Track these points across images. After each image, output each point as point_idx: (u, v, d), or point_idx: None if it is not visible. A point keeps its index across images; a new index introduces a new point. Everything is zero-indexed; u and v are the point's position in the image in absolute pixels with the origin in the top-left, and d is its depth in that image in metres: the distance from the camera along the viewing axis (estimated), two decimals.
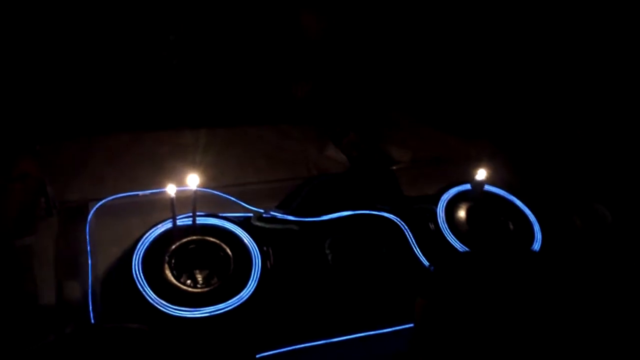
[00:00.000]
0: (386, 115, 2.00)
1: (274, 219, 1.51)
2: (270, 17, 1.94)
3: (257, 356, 1.26)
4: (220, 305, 1.29)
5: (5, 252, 1.27)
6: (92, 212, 1.44)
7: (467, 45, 2.02)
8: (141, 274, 1.30)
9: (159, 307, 1.26)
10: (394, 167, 1.78)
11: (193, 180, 1.36)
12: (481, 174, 1.55)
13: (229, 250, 1.38)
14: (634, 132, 1.95)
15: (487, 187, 1.61)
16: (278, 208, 1.55)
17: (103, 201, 1.46)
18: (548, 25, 1.95)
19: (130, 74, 1.81)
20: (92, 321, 1.26)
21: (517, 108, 2.05)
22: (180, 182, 1.35)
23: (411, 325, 1.19)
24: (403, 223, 1.57)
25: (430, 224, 1.56)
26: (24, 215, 1.33)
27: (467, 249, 1.50)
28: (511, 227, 1.58)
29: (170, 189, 1.31)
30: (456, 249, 1.50)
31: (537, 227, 1.58)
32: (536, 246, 1.54)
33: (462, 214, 1.58)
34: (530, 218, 1.60)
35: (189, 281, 1.35)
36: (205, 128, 1.77)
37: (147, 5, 1.78)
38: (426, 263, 1.49)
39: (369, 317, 1.37)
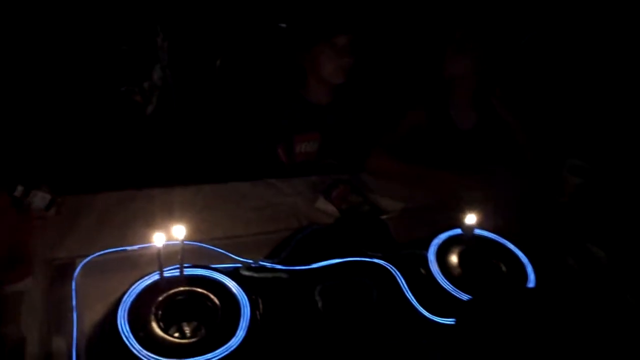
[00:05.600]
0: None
1: (263, 268, 1.49)
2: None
3: None
4: (208, 355, 1.25)
5: None
6: (78, 268, 1.43)
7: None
8: (127, 327, 1.27)
9: (144, 359, 1.23)
10: (384, 217, 1.78)
11: (179, 231, 1.36)
12: (471, 219, 1.55)
13: (216, 300, 1.36)
14: (628, 172, 1.98)
15: (477, 231, 1.61)
16: (268, 258, 1.54)
17: (90, 257, 1.46)
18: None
19: (121, 132, 1.86)
20: None
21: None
22: (169, 236, 1.35)
23: None
24: (394, 268, 1.55)
25: (421, 268, 1.54)
26: (16, 259, 1.33)
27: (460, 292, 1.47)
28: (504, 269, 1.56)
29: (158, 238, 1.31)
30: (449, 292, 1.48)
31: (530, 269, 1.56)
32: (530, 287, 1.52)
33: (453, 257, 1.56)
34: (523, 260, 1.58)
35: (176, 333, 1.33)
36: (195, 185, 1.79)
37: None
38: (420, 308, 1.46)
39: None
